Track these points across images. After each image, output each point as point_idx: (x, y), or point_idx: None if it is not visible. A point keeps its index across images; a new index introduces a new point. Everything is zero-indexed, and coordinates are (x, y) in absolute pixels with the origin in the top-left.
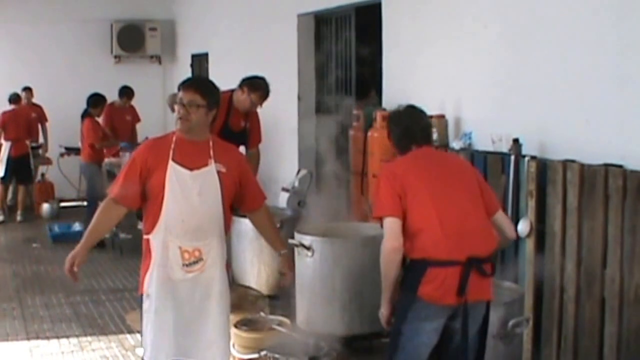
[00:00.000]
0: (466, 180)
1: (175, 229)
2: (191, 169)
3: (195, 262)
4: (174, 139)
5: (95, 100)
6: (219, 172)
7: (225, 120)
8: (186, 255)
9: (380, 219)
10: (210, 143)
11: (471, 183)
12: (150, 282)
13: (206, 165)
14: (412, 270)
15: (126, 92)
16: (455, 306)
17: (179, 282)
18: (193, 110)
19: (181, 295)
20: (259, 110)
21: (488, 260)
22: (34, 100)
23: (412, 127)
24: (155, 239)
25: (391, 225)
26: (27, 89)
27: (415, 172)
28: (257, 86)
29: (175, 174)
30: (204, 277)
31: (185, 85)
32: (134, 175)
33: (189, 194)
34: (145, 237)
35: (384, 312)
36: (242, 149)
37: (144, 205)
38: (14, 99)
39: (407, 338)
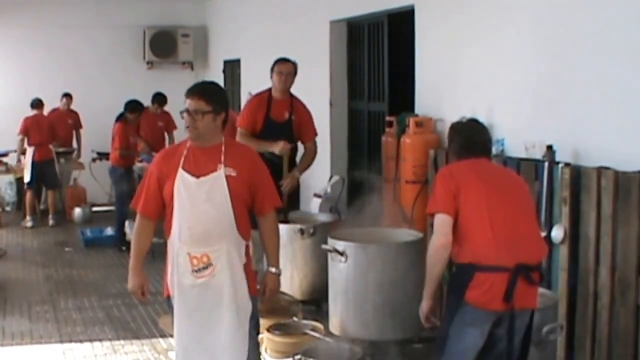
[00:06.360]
0: (520, 192)
1: (183, 236)
2: (198, 176)
3: (204, 268)
4: (187, 146)
5: (133, 107)
6: (228, 177)
7: (266, 113)
8: (195, 261)
9: (431, 215)
10: (223, 147)
11: (525, 195)
12: (172, 287)
13: (215, 170)
14: (460, 274)
15: (157, 99)
16: (500, 312)
17: (190, 287)
18: (199, 117)
19: (193, 301)
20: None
21: (536, 269)
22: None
23: (473, 139)
24: (170, 245)
25: (442, 222)
26: (67, 95)
27: (471, 176)
28: (277, 61)
29: (182, 182)
30: (214, 283)
31: (189, 93)
32: (153, 186)
33: (196, 201)
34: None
35: (424, 307)
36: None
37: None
38: (36, 104)
39: (453, 342)
